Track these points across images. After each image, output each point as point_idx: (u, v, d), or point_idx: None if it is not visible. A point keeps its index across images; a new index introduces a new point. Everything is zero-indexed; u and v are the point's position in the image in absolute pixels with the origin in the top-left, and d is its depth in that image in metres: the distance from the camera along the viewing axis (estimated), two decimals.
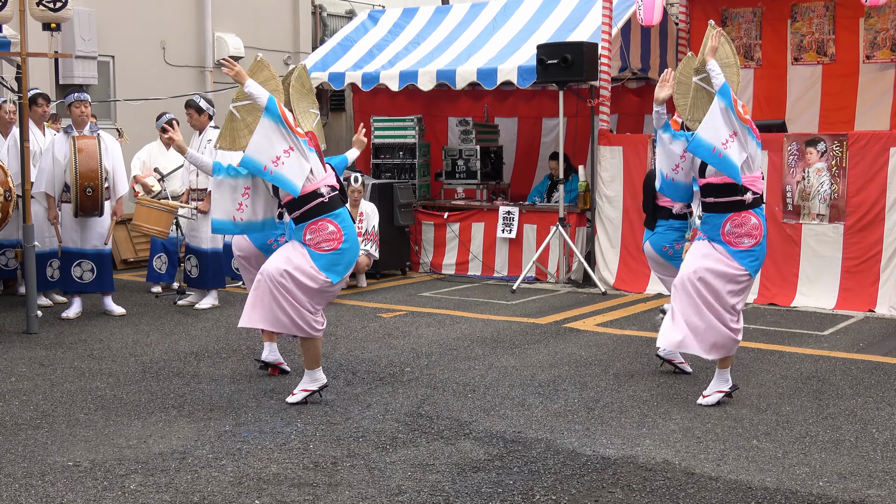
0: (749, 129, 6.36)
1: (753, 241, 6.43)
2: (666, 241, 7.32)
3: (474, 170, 12.92)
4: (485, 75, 12.05)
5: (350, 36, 14.29)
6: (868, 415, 6.26)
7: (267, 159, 6.18)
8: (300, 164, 6.22)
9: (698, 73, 6.56)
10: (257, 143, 6.20)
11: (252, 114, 6.44)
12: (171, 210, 9.84)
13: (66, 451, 5.54)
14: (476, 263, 12.37)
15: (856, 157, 9.90)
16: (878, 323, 9.34)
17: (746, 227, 6.43)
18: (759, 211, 6.49)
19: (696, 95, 6.60)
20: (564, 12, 12.90)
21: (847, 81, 12.03)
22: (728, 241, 6.45)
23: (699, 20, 12.90)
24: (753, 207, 6.44)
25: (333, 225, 6.30)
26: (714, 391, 6.55)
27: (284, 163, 6.18)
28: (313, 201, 6.29)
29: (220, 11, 15.57)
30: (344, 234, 6.31)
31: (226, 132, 6.54)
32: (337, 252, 6.30)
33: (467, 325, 9.25)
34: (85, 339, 8.58)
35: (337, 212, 6.34)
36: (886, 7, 11.32)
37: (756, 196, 6.46)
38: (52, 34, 10.01)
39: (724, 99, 6.29)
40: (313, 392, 6.55)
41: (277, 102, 6.25)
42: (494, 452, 5.53)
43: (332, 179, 6.43)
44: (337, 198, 6.39)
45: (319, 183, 6.32)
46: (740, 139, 6.32)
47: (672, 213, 7.34)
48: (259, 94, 6.25)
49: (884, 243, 9.82)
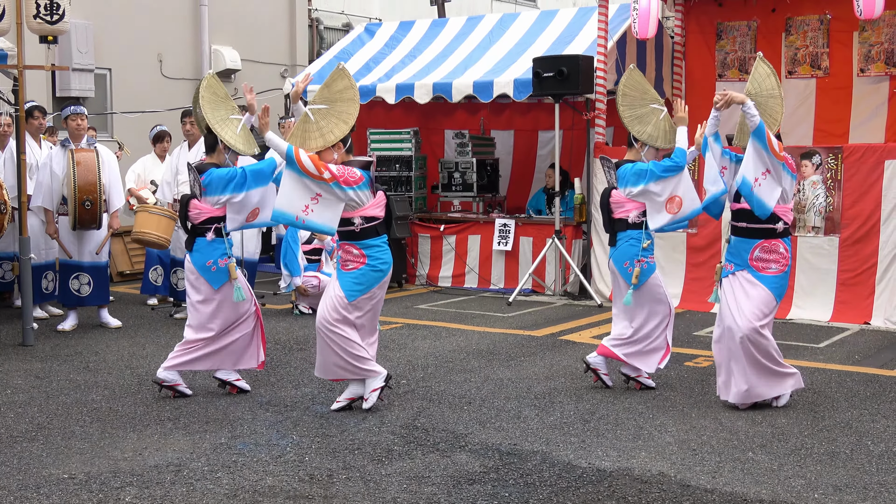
0: (784, 165, 6.61)
1: (780, 267, 6.67)
2: (626, 257, 7.26)
3: (470, 182, 12.94)
4: (481, 88, 12.08)
5: (347, 49, 14.32)
6: (863, 427, 6.27)
7: (297, 210, 6.35)
8: (331, 208, 6.38)
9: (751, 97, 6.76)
10: (284, 195, 6.37)
11: (326, 118, 6.53)
12: (173, 217, 9.80)
13: (61, 463, 5.53)
14: (472, 276, 12.38)
15: (851, 170, 9.94)
16: (873, 335, 9.35)
17: (774, 254, 6.67)
18: (788, 240, 6.73)
19: (742, 122, 6.82)
20: (560, 26, 12.94)
21: (841, 95, 12.07)
22: (755, 266, 6.68)
23: (694, 33, 12.96)
24: (783, 237, 6.70)
25: (358, 250, 6.54)
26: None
27: (314, 210, 6.35)
28: (347, 227, 6.54)
29: (216, 24, 15.61)
30: (368, 260, 6.51)
31: (297, 132, 6.55)
32: (358, 272, 6.52)
33: (463, 337, 9.25)
34: (81, 351, 8.57)
35: (366, 241, 6.52)
36: (881, 21, 11.37)
37: (786, 226, 6.71)
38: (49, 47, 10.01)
39: (759, 140, 6.57)
40: (382, 388, 6.66)
41: (295, 154, 6.27)
42: (490, 465, 5.53)
43: (373, 210, 6.54)
44: (371, 229, 6.55)
45: (355, 213, 6.50)
46: (774, 175, 6.60)
47: (628, 223, 7.30)
48: (278, 145, 6.36)
49: (879, 256, 9.84)
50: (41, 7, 8.52)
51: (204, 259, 6.92)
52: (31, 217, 9.32)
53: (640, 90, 7.25)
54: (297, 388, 7.27)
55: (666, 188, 7.01)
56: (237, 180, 6.78)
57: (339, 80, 6.61)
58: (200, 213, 6.88)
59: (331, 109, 6.52)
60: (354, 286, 6.52)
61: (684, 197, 7.02)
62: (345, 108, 6.55)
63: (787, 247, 6.71)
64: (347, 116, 6.52)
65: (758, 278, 6.65)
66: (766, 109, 6.72)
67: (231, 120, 6.84)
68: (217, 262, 6.92)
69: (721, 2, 12.71)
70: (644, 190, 7.03)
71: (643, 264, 7.11)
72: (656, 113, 7.18)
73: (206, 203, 6.87)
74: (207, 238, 6.89)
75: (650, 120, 7.18)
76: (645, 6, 11.26)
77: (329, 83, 6.62)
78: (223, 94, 6.90)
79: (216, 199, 6.83)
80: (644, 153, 7.20)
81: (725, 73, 12.84)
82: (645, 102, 7.21)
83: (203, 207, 6.87)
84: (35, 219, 9.66)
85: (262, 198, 6.87)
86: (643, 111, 7.18)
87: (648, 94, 7.26)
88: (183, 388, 7.00)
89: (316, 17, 17.51)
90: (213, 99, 6.81)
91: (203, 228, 6.90)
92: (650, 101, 7.23)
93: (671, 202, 7.02)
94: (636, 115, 7.15)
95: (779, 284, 6.68)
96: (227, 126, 6.80)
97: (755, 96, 6.70)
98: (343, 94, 6.55)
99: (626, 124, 7.18)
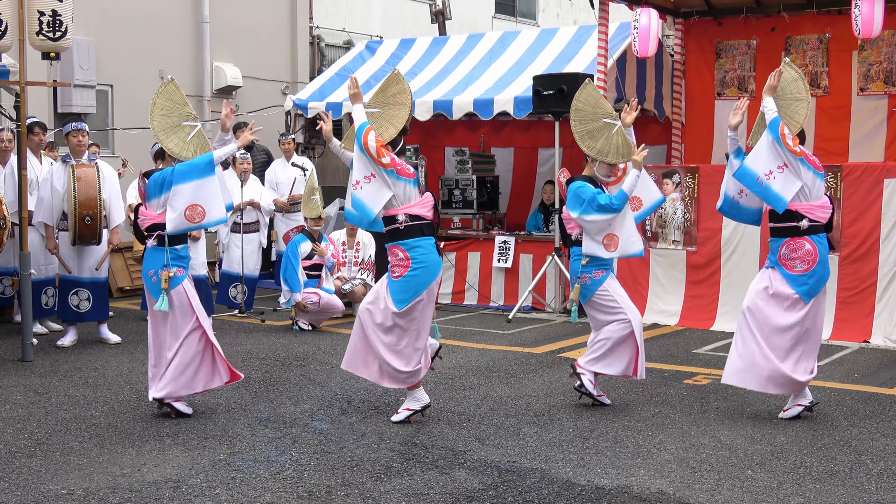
0: (803, 161, 6.69)
1: (806, 266, 6.75)
2: (572, 274, 7.32)
3: (470, 199, 12.97)
4: (481, 106, 12.12)
5: (348, 66, 14.38)
6: (863, 445, 6.27)
7: (351, 181, 6.62)
8: (379, 191, 6.55)
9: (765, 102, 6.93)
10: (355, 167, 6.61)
11: (378, 121, 6.74)
12: None
13: (59, 479, 5.53)
14: (472, 293, 12.39)
15: (850, 189, 9.96)
16: (872, 354, 9.35)
17: (800, 252, 6.76)
18: (817, 238, 6.78)
19: (759, 123, 6.96)
20: (560, 44, 13.00)
21: (840, 113, 12.12)
22: (784, 264, 6.81)
23: (694, 52, 13.02)
24: (810, 234, 6.75)
25: (402, 252, 6.59)
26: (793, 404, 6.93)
27: (363, 188, 6.56)
28: (391, 225, 6.64)
29: (218, 41, 15.66)
30: (412, 262, 6.56)
31: (350, 135, 6.82)
32: (403, 279, 6.58)
33: (462, 354, 9.25)
34: (80, 367, 8.57)
35: (410, 241, 6.59)
36: (879, 40, 11.42)
37: (813, 223, 6.74)
38: (51, 63, 10.06)
39: (773, 133, 6.70)
40: (416, 412, 6.75)
41: (366, 132, 6.53)
42: (489, 482, 5.52)
43: (419, 209, 6.63)
44: (416, 227, 6.61)
45: (400, 210, 6.60)
46: (791, 170, 6.67)
47: (572, 239, 7.33)
48: (357, 118, 6.63)
49: (878, 274, 9.85)
50: (43, 24, 8.56)
51: (147, 269, 6.83)
52: (31, 232, 9.33)
53: (592, 104, 7.18)
54: (296, 404, 7.27)
55: (598, 225, 6.99)
56: (167, 179, 6.70)
57: (393, 84, 6.87)
58: (145, 219, 6.84)
59: (383, 113, 6.78)
60: (402, 294, 6.58)
61: (621, 237, 7.04)
62: (395, 112, 6.78)
63: (817, 244, 6.73)
64: (398, 120, 6.75)
65: (785, 277, 6.79)
66: (787, 112, 6.85)
67: (182, 127, 6.81)
68: (157, 271, 6.75)
69: (721, 21, 12.78)
70: (579, 218, 7.03)
71: (585, 281, 7.08)
72: (609, 127, 7.09)
73: (150, 209, 6.83)
74: (149, 245, 6.82)
75: (601, 135, 7.12)
76: (645, 25, 11.31)
77: (384, 87, 6.87)
78: (180, 101, 6.85)
79: (156, 202, 6.76)
80: (596, 168, 7.18)
81: (725, 92, 12.90)
82: (597, 117, 7.14)
83: (148, 214, 6.82)
84: (35, 234, 9.67)
85: (196, 193, 6.64)
86: (594, 126, 7.13)
87: (601, 108, 7.18)
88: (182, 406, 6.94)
89: (317, 35, 17.57)
90: (166, 105, 6.81)
91: (148, 235, 6.82)
92: (602, 116, 7.15)
93: (608, 238, 7.02)
94: (587, 129, 7.11)
95: (805, 283, 6.74)
96: (173, 133, 6.78)
97: (777, 98, 6.86)
98: (396, 99, 6.80)
99: (577, 140, 7.16)
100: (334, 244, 11.22)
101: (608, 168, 7.13)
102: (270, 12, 16.64)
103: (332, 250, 11.00)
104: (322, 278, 10.80)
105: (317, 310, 10.58)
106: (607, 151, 7.08)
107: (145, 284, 6.87)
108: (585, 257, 7.07)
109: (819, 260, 6.76)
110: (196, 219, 6.69)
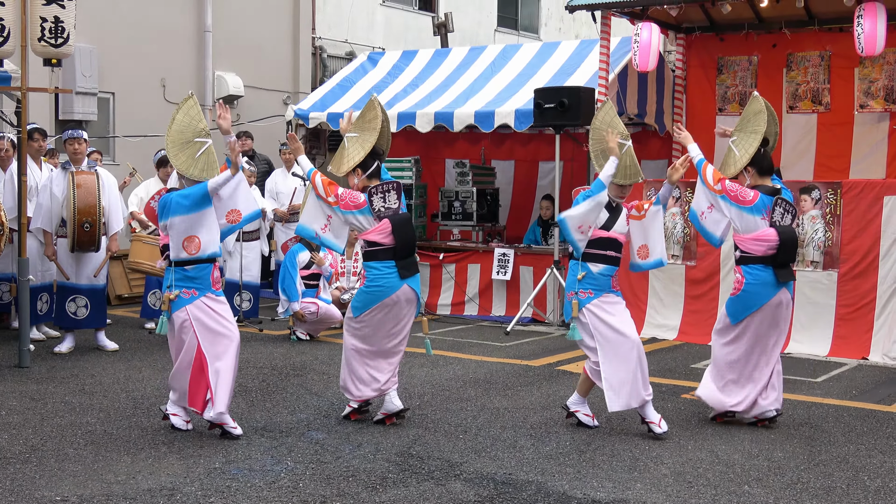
0: (724, 197, 7.05)
1: (733, 291, 7.15)
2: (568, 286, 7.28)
3: (470, 211, 12.97)
4: (482, 118, 12.12)
5: (349, 77, 14.40)
6: (860, 462, 6.25)
7: (318, 227, 6.97)
8: (340, 228, 7.01)
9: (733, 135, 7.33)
10: (307, 212, 6.98)
11: (353, 145, 7.01)
12: None
13: (54, 485, 5.51)
14: (472, 305, 12.37)
15: (850, 205, 9.96)
16: (870, 371, 9.34)
17: (733, 278, 7.22)
18: (747, 268, 7.08)
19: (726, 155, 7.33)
20: (562, 57, 13.01)
21: (842, 130, 12.13)
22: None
23: (695, 67, 13.03)
24: (740, 263, 7.13)
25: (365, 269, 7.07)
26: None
27: (329, 230, 6.99)
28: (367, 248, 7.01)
29: (220, 50, 15.70)
30: (367, 280, 6.97)
31: (337, 157, 7.07)
32: (359, 291, 7.05)
33: (460, 366, 9.24)
34: (77, 373, 8.56)
35: (367, 263, 6.99)
36: (881, 57, 11.44)
37: (745, 254, 7.08)
38: (53, 70, 10.08)
39: (699, 175, 7.14)
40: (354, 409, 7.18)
41: (313, 176, 6.91)
42: (485, 494, 5.51)
43: (374, 235, 6.90)
44: (370, 253, 6.95)
45: (362, 235, 7.00)
46: (717, 209, 7.14)
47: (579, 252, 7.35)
48: (304, 166, 7.01)
49: (877, 291, 9.84)
50: (46, 30, 8.57)
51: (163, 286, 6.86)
52: (29, 239, 9.30)
53: (608, 124, 7.15)
54: (292, 413, 7.26)
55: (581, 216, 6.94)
56: (167, 206, 6.65)
57: (369, 110, 7.13)
58: (161, 238, 6.86)
59: (359, 137, 7.02)
60: (355, 302, 7.06)
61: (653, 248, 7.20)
62: (367, 136, 7.01)
63: (745, 274, 7.05)
64: (368, 144, 6.98)
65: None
66: (742, 143, 7.17)
67: (193, 143, 6.78)
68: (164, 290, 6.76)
69: (722, 37, 12.80)
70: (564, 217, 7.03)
71: (571, 298, 7.01)
72: (619, 147, 7.09)
73: (161, 230, 6.85)
74: (161, 264, 6.87)
75: None
76: (646, 39, 11.33)
77: (363, 113, 7.16)
78: (196, 116, 6.82)
79: (162, 224, 6.76)
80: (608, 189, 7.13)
81: (726, 107, 12.91)
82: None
83: (162, 234, 6.84)
84: (33, 240, 9.65)
85: (192, 226, 6.62)
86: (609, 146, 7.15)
87: (615, 128, 7.14)
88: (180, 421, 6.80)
89: (319, 46, 17.60)
90: (183, 122, 6.78)
91: (164, 255, 6.81)
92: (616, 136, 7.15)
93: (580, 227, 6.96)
94: (601, 149, 7.12)
95: (732, 306, 7.11)
96: (183, 150, 6.76)
97: (738, 130, 7.25)
98: (369, 124, 7.04)
99: (592, 158, 7.17)
100: (333, 254, 11.21)
101: (617, 189, 7.06)
102: (273, 22, 16.69)
103: (331, 260, 11.00)
104: (320, 288, 10.79)
105: (315, 319, 10.57)
106: (615, 172, 7.04)
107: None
108: (583, 271, 7.00)
109: (743, 289, 7.05)
110: (192, 250, 6.64)
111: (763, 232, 6.98)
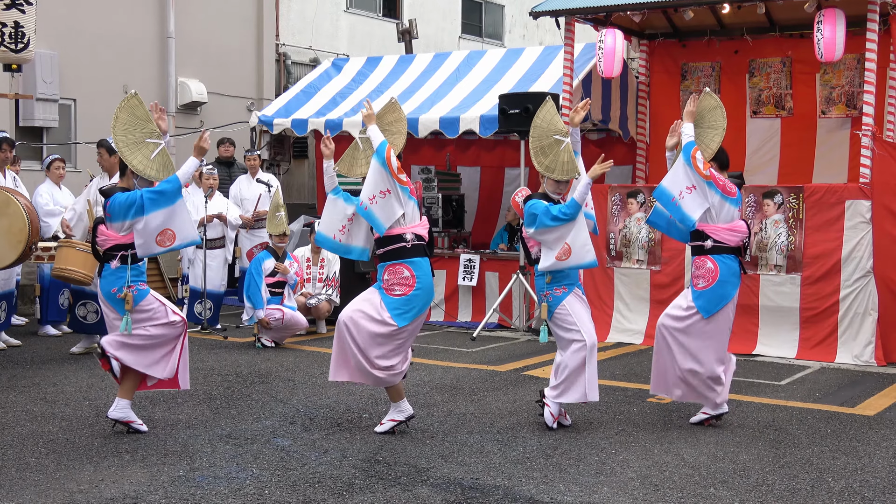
0: (711, 184, 7.01)
1: (705, 283, 7.08)
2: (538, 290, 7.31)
3: (436, 218, 12.96)
4: (447, 124, 12.13)
5: (314, 83, 14.36)
6: (824, 464, 6.29)
7: (365, 196, 6.74)
8: (392, 208, 6.75)
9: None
10: (368, 183, 6.76)
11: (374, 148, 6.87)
12: None
13: (14, 495, 5.42)
14: (437, 311, 12.35)
15: (812, 210, 10.05)
16: (834, 373, 9.42)
17: (702, 269, 7.13)
18: (720, 258, 7.06)
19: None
20: (526, 63, 13.05)
21: (806, 135, 12.24)
22: (693, 281, 7.16)
23: (659, 73, 13.11)
24: (713, 253, 7.06)
25: (409, 271, 6.77)
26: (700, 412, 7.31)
27: (378, 202, 6.73)
28: (397, 244, 6.77)
29: (183, 57, 15.60)
30: (417, 282, 6.74)
31: (347, 158, 7.09)
32: (407, 298, 6.73)
33: (426, 371, 9.22)
34: (38, 382, 8.45)
35: (415, 259, 6.77)
36: (841, 64, 11.56)
37: (717, 244, 7.05)
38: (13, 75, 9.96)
39: (685, 156, 7.06)
40: (400, 422, 6.91)
41: (387, 148, 6.76)
42: (452, 499, 5.49)
43: (422, 229, 6.85)
44: (420, 247, 6.82)
45: (407, 229, 6.79)
46: (699, 192, 7.00)
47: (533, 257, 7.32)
48: (375, 137, 6.84)
49: (840, 294, 9.93)
50: (6, 35, 8.50)
51: (109, 286, 6.70)
52: None
53: (548, 121, 7.15)
54: (257, 420, 7.20)
55: (554, 235, 6.95)
56: (137, 204, 6.57)
57: (389, 112, 7.11)
58: (107, 239, 6.69)
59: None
60: (406, 310, 6.73)
61: (573, 245, 6.96)
62: (391, 139, 6.97)
63: (719, 264, 7.03)
64: (395, 148, 6.92)
65: (691, 291, 7.15)
66: (703, 139, 7.24)
67: (146, 144, 6.69)
68: (121, 289, 6.67)
69: (685, 43, 12.89)
70: (534, 233, 7.03)
71: (547, 297, 7.07)
72: (558, 144, 7.04)
73: (111, 229, 6.70)
74: (112, 266, 6.70)
75: (551, 151, 7.09)
76: (610, 45, 11.38)
77: (381, 115, 7.06)
78: (143, 116, 6.71)
79: (120, 225, 6.64)
80: (545, 185, 7.17)
81: None
82: (550, 134, 7.12)
83: (110, 234, 6.69)
84: None
85: (167, 219, 6.62)
86: (547, 142, 7.11)
87: (555, 125, 7.13)
88: (137, 424, 6.82)
89: (283, 52, 17.55)
90: (128, 121, 6.67)
91: (110, 255, 6.71)
92: (554, 133, 7.11)
93: (562, 250, 6.96)
94: (541, 146, 7.07)
95: (704, 299, 7.06)
96: (137, 150, 6.67)
97: (696, 126, 7.26)
98: (392, 127, 7.05)
99: (532, 156, 7.11)
100: (298, 262, 11.17)
101: (555, 185, 7.08)
102: (237, 29, 16.62)
103: (296, 268, 10.94)
104: (285, 296, 10.73)
105: (280, 326, 10.51)
106: (553, 168, 7.03)
107: (107, 300, 6.73)
108: (548, 274, 7.06)
109: (719, 279, 7.04)
110: (167, 242, 6.64)
111: (737, 223, 7.13)
